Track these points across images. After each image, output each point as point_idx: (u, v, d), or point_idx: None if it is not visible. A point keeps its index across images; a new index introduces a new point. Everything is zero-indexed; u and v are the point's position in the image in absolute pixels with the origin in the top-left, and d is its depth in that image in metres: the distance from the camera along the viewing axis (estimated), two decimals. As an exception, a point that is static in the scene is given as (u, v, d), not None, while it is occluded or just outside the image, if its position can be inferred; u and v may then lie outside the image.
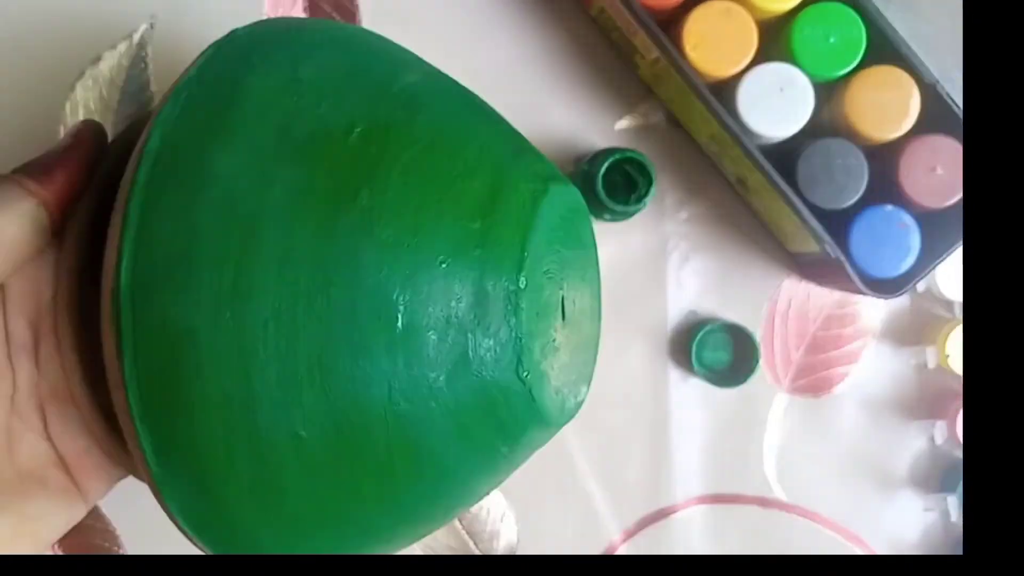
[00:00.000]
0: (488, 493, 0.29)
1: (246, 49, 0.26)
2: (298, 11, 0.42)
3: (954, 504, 0.43)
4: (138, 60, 0.42)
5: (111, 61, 0.42)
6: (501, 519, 0.43)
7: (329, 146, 0.23)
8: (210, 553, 0.25)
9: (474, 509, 0.43)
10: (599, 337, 0.32)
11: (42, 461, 0.28)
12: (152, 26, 0.42)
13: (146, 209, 0.23)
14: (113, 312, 0.23)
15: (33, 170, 0.27)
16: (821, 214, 0.38)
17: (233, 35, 0.28)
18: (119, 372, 0.22)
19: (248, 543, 0.24)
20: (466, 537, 0.43)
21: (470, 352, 0.23)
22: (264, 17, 0.42)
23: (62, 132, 0.41)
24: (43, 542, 0.27)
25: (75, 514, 0.29)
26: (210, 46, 0.27)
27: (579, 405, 0.29)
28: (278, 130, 0.23)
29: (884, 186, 0.39)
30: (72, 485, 0.28)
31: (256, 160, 0.23)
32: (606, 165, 0.39)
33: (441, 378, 0.23)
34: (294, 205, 0.22)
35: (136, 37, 0.42)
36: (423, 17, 0.43)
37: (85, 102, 0.41)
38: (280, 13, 0.42)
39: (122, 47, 0.42)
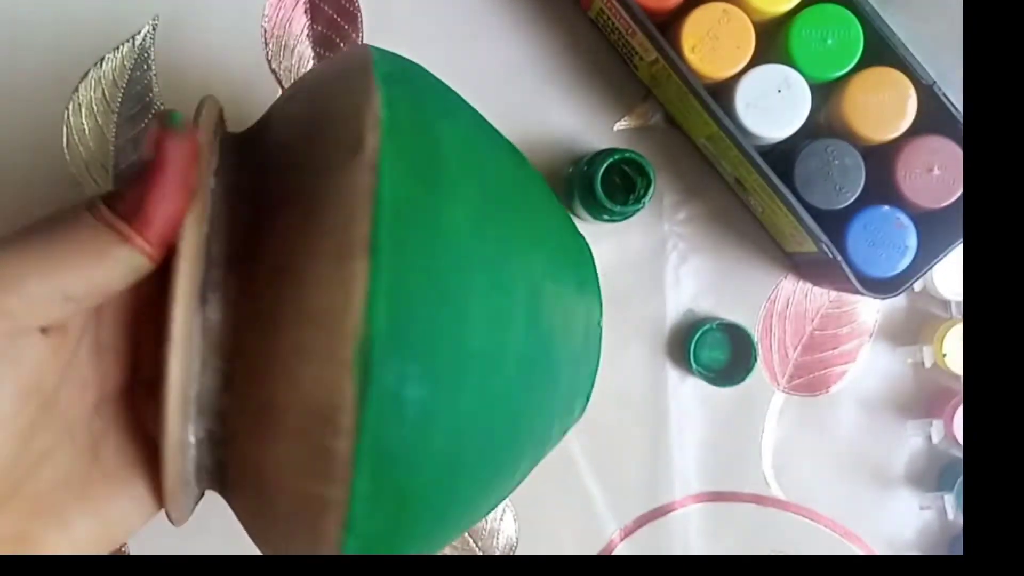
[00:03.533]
0: None
1: (419, 90, 0.26)
2: (299, 13, 0.43)
3: (951, 502, 0.43)
4: (141, 61, 0.42)
5: (114, 62, 0.42)
6: (501, 517, 0.43)
7: (513, 198, 0.27)
8: None
9: (474, 507, 0.43)
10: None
11: (128, 460, 0.26)
12: (155, 27, 0.42)
13: (395, 260, 0.22)
14: (360, 361, 0.22)
15: (126, 209, 0.23)
16: (818, 214, 0.39)
17: (397, 68, 0.27)
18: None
19: None
20: (466, 535, 0.43)
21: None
22: (264, 19, 0.43)
23: (64, 133, 0.42)
24: (116, 544, 0.26)
25: (150, 513, 0.27)
26: (379, 81, 0.25)
27: None
28: (481, 185, 0.25)
29: (881, 186, 0.39)
30: (154, 484, 0.26)
31: (473, 216, 0.24)
32: (605, 166, 0.39)
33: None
34: (504, 255, 0.25)
35: (139, 38, 0.42)
36: (423, 19, 0.43)
37: (88, 102, 0.42)
38: (282, 15, 0.43)
39: (125, 48, 0.42)
